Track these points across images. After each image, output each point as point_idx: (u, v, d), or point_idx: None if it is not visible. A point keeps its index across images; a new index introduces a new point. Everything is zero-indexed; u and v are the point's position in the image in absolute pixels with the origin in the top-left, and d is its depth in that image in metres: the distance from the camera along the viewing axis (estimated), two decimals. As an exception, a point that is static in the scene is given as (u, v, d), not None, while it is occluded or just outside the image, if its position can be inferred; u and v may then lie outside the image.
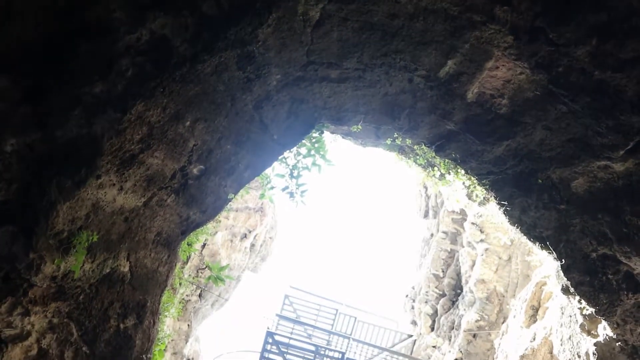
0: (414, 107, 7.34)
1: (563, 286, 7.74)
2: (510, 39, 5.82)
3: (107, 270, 6.43)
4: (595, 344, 7.66)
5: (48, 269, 5.33)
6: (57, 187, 5.06)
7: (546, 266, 10.39)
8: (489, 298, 17.72)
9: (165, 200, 6.85)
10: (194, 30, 5.41)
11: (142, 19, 5.03)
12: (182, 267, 14.76)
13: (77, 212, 5.43)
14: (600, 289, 7.01)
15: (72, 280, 5.79)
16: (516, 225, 7.86)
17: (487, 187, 7.85)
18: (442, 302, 20.50)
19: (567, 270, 7.37)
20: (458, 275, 20.38)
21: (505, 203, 7.71)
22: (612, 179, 6.39)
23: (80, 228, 5.58)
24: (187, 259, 14.75)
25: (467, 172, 8.18)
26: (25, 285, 5.20)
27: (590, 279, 7.10)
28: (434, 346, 20.21)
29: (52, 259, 5.31)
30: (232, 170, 7.59)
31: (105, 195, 5.75)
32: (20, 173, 4.85)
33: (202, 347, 21.24)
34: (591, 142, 6.25)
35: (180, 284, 13.34)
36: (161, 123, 5.89)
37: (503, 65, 6.19)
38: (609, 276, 6.86)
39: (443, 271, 21.05)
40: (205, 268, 16.68)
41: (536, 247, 7.93)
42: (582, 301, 7.55)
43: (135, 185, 6.15)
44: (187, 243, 8.75)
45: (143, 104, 5.44)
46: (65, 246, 5.43)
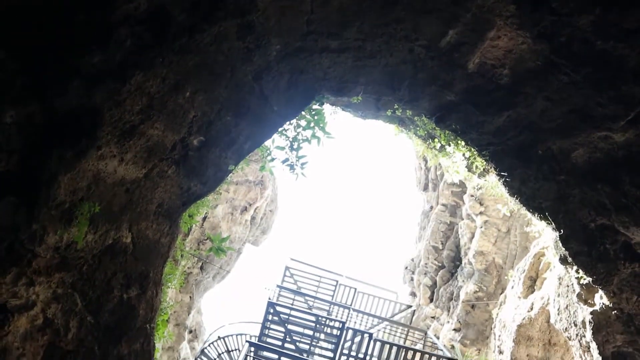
0: (415, 77, 7.29)
1: (561, 256, 7.81)
2: (512, 7, 5.75)
3: (110, 242, 6.49)
4: (591, 313, 7.78)
5: (51, 240, 5.37)
6: (58, 158, 5.07)
7: (544, 237, 10.47)
8: (487, 269, 17.91)
9: (166, 172, 6.87)
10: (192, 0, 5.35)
11: (140, -13, 4.96)
12: (184, 240, 14.87)
13: (78, 183, 5.45)
14: (598, 258, 7.09)
15: (75, 251, 5.85)
16: (516, 196, 7.90)
17: (487, 158, 7.85)
18: (441, 274, 20.71)
19: (565, 240, 7.44)
20: (457, 247, 20.55)
21: (505, 174, 7.72)
22: (612, 150, 6.39)
23: (82, 199, 5.61)
24: (189, 231, 14.85)
25: (467, 144, 8.17)
26: (29, 255, 5.25)
27: (588, 248, 7.17)
28: (432, 317, 20.51)
29: (55, 229, 5.35)
30: (233, 142, 7.58)
31: (106, 167, 5.77)
32: (21, 144, 4.85)
33: (204, 319, 21.55)
34: (592, 113, 6.24)
35: (182, 255, 13.46)
36: (161, 94, 5.87)
37: (505, 34, 6.13)
38: (607, 246, 6.92)
39: (442, 243, 21.22)
40: (207, 240, 16.81)
41: (535, 218, 7.99)
42: (580, 271, 7.64)
43: (136, 156, 6.16)
44: (188, 214, 8.79)
45: (142, 74, 5.41)
46: (67, 217, 5.47)
